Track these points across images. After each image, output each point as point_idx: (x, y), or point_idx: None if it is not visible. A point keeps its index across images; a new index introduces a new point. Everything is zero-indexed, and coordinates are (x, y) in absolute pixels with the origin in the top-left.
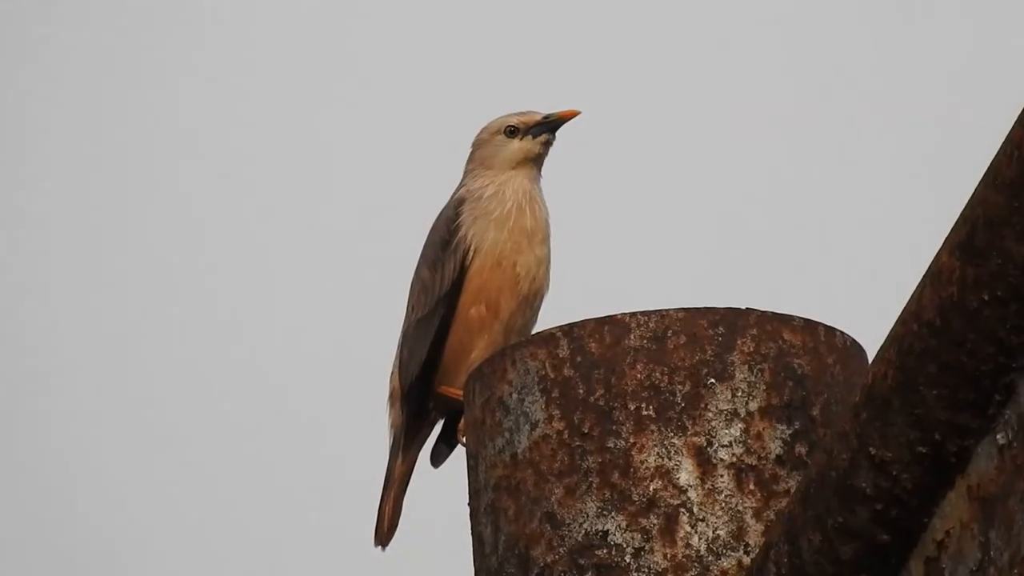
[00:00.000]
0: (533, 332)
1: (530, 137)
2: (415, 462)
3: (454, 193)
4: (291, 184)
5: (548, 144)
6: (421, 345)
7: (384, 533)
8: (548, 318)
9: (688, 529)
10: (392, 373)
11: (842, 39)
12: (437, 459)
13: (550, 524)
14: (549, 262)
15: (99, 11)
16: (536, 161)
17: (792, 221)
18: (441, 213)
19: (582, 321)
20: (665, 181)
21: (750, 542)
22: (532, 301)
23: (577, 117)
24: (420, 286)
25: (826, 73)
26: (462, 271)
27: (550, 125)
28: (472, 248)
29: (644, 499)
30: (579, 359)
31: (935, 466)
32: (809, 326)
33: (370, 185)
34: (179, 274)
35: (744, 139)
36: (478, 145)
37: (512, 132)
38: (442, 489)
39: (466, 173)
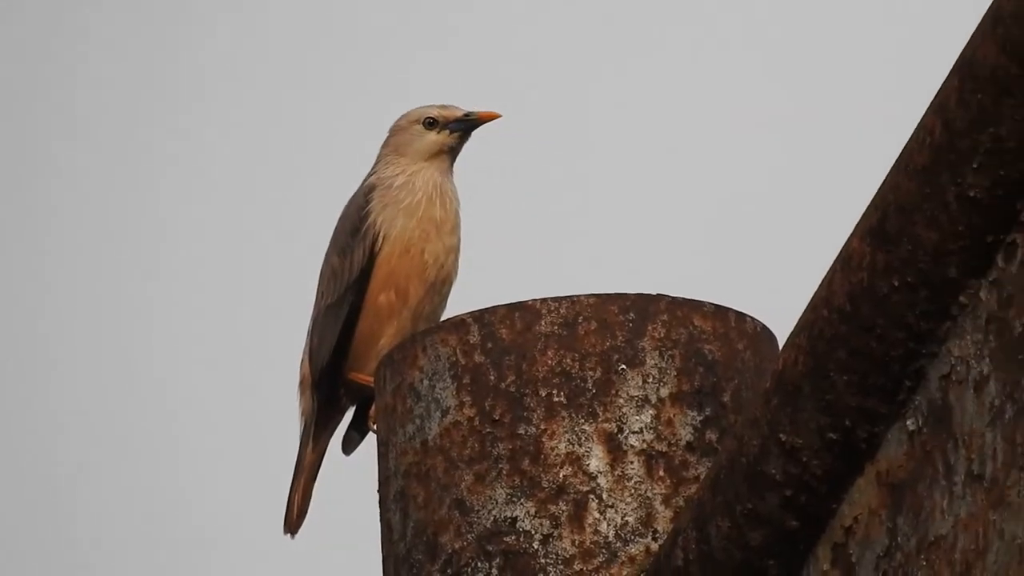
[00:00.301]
0: (443, 319)
1: (447, 132)
2: (325, 450)
3: (365, 179)
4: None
5: (463, 141)
6: (331, 332)
7: (293, 521)
8: (460, 305)
9: (597, 515)
10: (302, 360)
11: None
12: (348, 446)
13: (459, 511)
14: (458, 251)
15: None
16: (449, 155)
17: (705, 206)
18: (351, 200)
19: (493, 307)
20: (583, 170)
21: (659, 528)
22: (440, 288)
23: (497, 120)
24: (330, 273)
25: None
26: (371, 258)
27: (469, 123)
28: (381, 235)
29: (554, 485)
30: (490, 345)
31: (845, 452)
32: (720, 312)
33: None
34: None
35: (653, 122)
36: (394, 132)
37: (431, 124)
38: (352, 477)
39: (379, 158)
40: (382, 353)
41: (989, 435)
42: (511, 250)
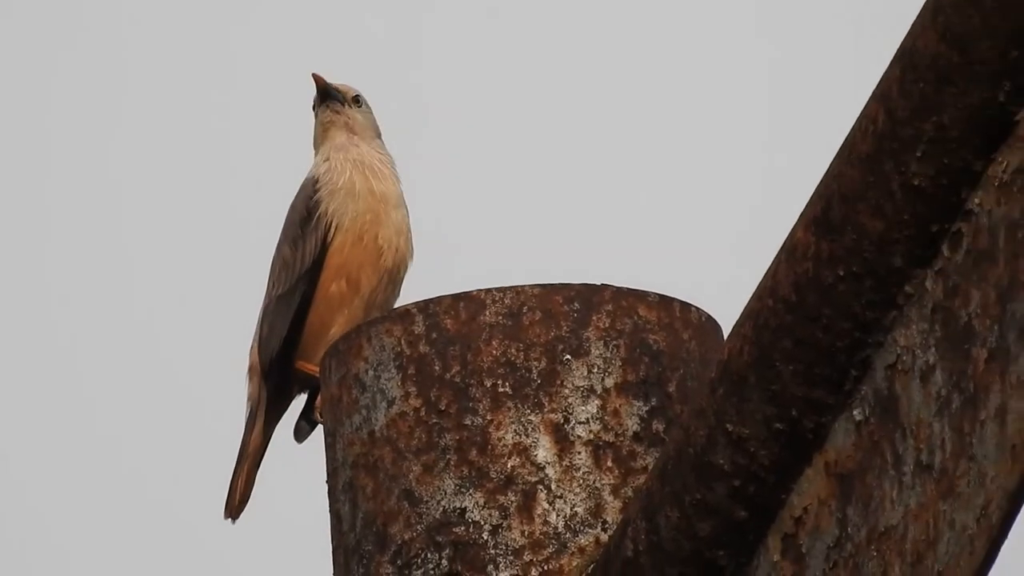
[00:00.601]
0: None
1: (318, 110)
2: (270, 437)
3: (306, 176)
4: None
5: (330, 110)
6: (281, 321)
7: (235, 506)
8: (408, 294)
9: (546, 506)
10: (252, 347)
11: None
12: (300, 435)
13: (408, 501)
14: (409, 229)
15: None
16: (334, 129)
17: (649, 194)
18: (299, 191)
19: (438, 297)
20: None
21: (608, 519)
22: (395, 274)
23: (316, 80)
24: (281, 263)
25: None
26: (324, 248)
27: (318, 94)
28: (334, 224)
29: (502, 476)
30: (435, 335)
31: (792, 442)
32: (664, 301)
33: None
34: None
35: (603, 108)
36: (315, 115)
37: (314, 110)
38: (302, 466)
39: (316, 138)
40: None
41: (936, 425)
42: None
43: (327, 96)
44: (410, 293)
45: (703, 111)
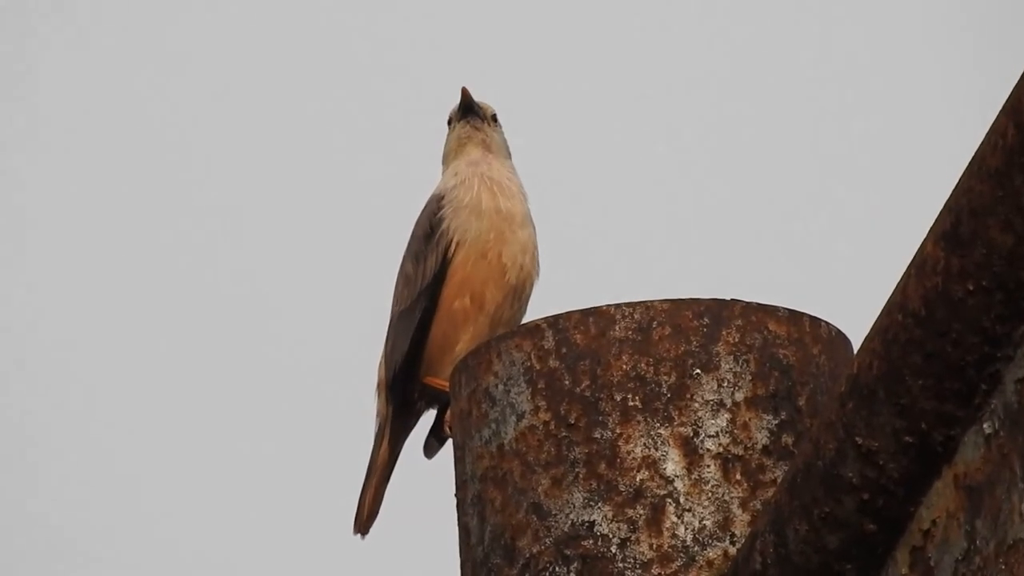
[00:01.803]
0: (523, 322)
1: (456, 125)
2: (399, 452)
3: (432, 191)
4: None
5: (470, 125)
6: (403, 337)
7: (363, 521)
8: (536, 307)
9: (674, 519)
10: (379, 363)
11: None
12: (429, 452)
13: (536, 515)
14: (535, 247)
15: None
16: (470, 144)
17: (777, 210)
18: (425, 207)
19: (567, 312)
20: (651, 167)
21: (736, 532)
22: (520, 292)
23: (464, 95)
24: (403, 279)
25: (817, 59)
26: (444, 263)
27: (460, 108)
28: (455, 241)
29: (631, 489)
30: (564, 350)
31: (921, 455)
32: (794, 316)
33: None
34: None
35: (729, 126)
36: (449, 131)
37: (449, 123)
38: (430, 480)
39: (447, 155)
40: (458, 359)
41: None
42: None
43: (469, 111)
44: (537, 310)
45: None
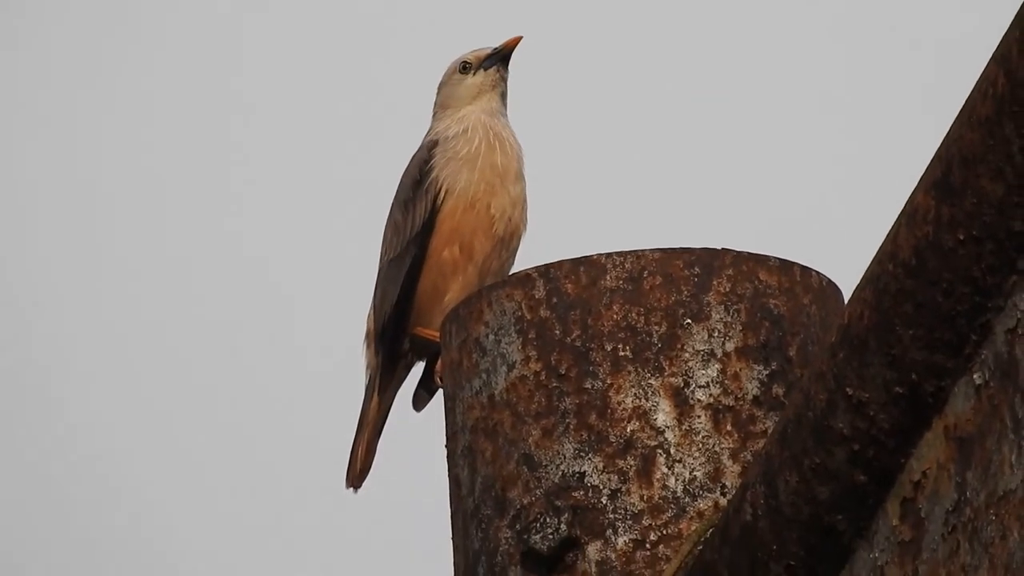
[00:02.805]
0: (510, 273)
1: (482, 71)
2: (390, 405)
3: (425, 137)
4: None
5: (500, 74)
6: (393, 286)
7: (356, 475)
8: (525, 258)
9: (665, 470)
10: (368, 314)
11: None
12: (419, 404)
13: (527, 466)
14: (525, 201)
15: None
16: (493, 93)
17: (769, 161)
18: (414, 156)
19: (558, 262)
20: (642, 118)
21: (727, 483)
22: (508, 243)
23: (521, 42)
24: (392, 227)
25: (807, 10)
26: (433, 212)
27: (499, 55)
28: (444, 189)
29: (621, 440)
30: (555, 300)
31: (912, 406)
32: (785, 266)
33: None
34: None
35: (724, 77)
36: (440, 88)
37: (465, 68)
38: (420, 431)
39: (433, 117)
40: (448, 309)
41: None
42: (575, 200)
43: (507, 60)
44: (528, 263)
45: (825, 79)
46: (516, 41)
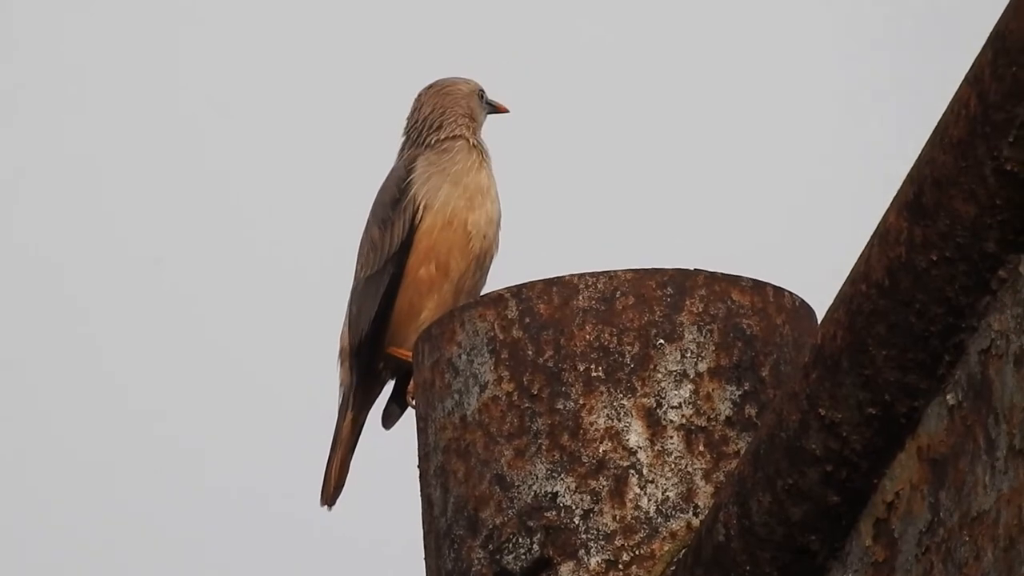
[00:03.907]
0: (483, 293)
1: (486, 106)
2: (364, 422)
3: (403, 149)
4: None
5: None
6: (370, 303)
7: (330, 492)
8: (496, 280)
9: (638, 491)
10: (342, 331)
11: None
12: (388, 420)
13: (499, 486)
14: (499, 221)
15: None
16: (482, 122)
17: (741, 182)
18: (392, 171)
19: (531, 282)
20: (612, 140)
21: (699, 504)
22: (483, 261)
23: (505, 114)
24: (369, 244)
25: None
26: (411, 230)
27: (491, 107)
28: (422, 206)
29: (594, 461)
30: (528, 320)
31: (885, 427)
32: (758, 286)
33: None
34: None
35: (693, 96)
36: (457, 95)
37: (481, 96)
38: (392, 450)
39: (445, 118)
40: (423, 327)
41: None
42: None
43: (490, 111)
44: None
45: (797, 94)
46: (503, 111)
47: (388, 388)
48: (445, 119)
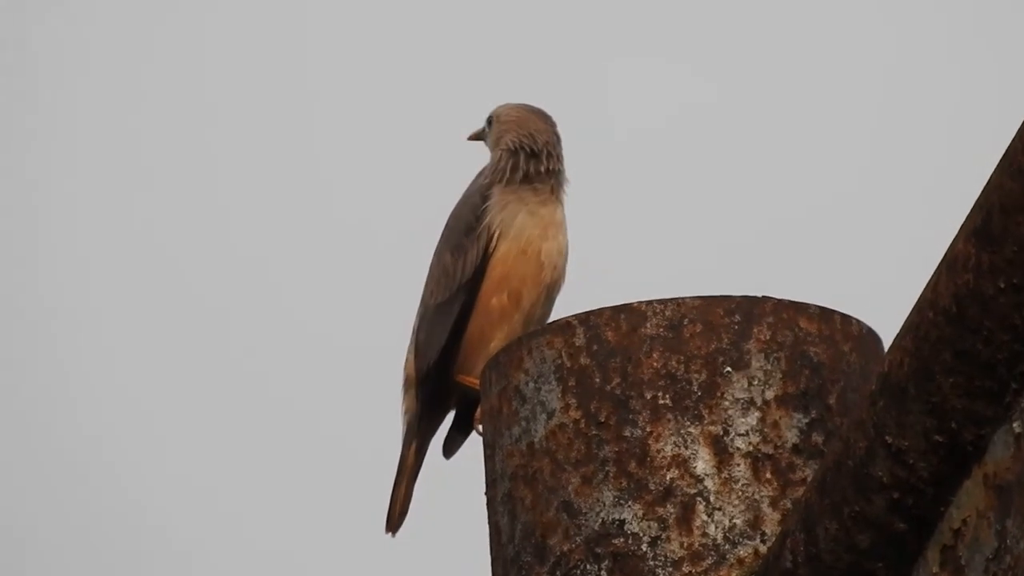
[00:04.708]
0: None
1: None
2: (427, 450)
3: (510, 157)
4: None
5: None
6: (440, 331)
7: (395, 520)
8: (563, 306)
9: (705, 518)
10: (407, 359)
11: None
12: (450, 450)
13: (567, 513)
14: (567, 252)
15: None
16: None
17: (809, 209)
18: (466, 198)
19: (598, 309)
20: (676, 170)
21: (767, 531)
22: (552, 292)
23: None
24: (440, 271)
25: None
26: (485, 257)
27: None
28: (497, 234)
29: (661, 488)
30: (595, 348)
31: (952, 455)
32: (825, 314)
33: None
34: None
35: (757, 123)
36: (548, 121)
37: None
38: (459, 478)
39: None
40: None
41: None
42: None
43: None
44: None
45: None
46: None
47: (450, 417)
48: (558, 147)
